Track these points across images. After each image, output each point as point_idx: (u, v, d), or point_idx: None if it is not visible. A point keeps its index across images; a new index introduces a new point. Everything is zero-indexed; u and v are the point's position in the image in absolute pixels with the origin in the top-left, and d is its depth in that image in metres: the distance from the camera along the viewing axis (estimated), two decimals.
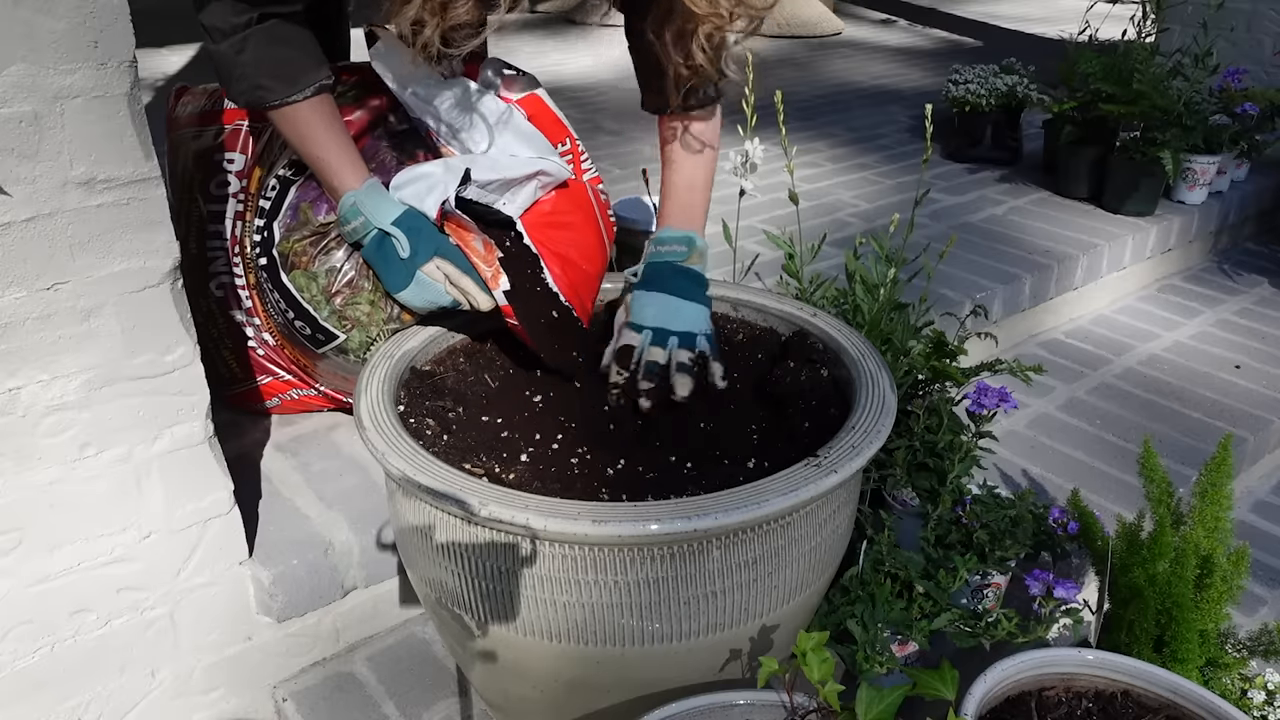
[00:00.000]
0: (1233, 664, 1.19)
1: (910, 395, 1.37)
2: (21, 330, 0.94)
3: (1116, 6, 2.80)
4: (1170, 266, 2.58)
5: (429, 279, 1.14)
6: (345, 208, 1.16)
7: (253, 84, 1.12)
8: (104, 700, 1.14)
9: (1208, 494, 1.25)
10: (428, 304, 1.17)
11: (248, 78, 1.11)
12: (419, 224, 1.15)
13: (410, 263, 1.14)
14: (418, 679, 1.27)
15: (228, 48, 1.10)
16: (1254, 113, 2.51)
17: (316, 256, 1.22)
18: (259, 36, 1.09)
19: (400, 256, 1.14)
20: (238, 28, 1.08)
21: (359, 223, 1.15)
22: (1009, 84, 2.81)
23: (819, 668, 0.81)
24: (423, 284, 1.14)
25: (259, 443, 1.44)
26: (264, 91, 1.12)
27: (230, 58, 1.10)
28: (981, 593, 1.26)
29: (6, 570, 1.01)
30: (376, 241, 1.15)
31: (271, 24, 1.10)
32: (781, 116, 1.34)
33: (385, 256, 1.15)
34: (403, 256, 1.14)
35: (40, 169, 0.91)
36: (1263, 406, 1.95)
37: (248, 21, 1.08)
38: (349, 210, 1.16)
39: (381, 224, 1.14)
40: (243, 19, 1.08)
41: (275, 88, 1.12)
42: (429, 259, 1.14)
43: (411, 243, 1.13)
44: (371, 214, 1.15)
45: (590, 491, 1.00)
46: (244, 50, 1.09)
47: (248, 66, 1.10)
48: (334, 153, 1.16)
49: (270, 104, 1.13)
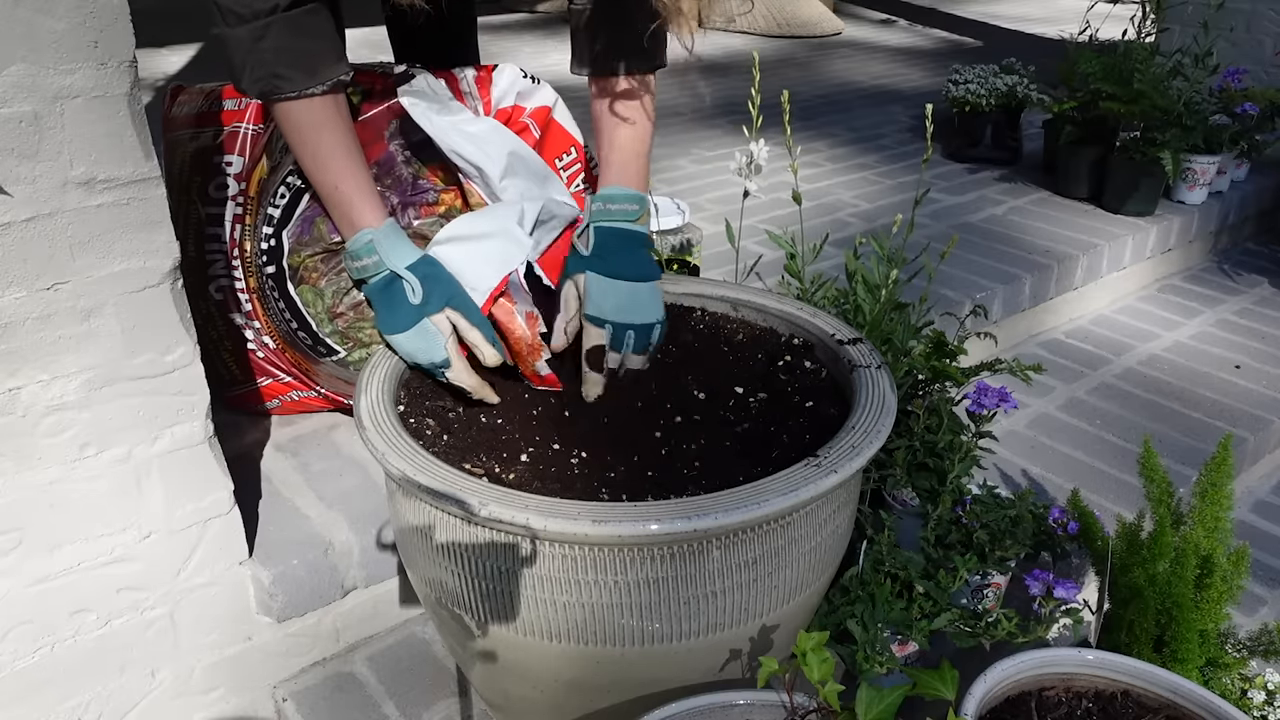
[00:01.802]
0: (1233, 664, 1.19)
1: (910, 395, 1.37)
2: (21, 330, 0.94)
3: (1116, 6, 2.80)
4: (1170, 266, 2.58)
5: (434, 328, 1.09)
6: (359, 244, 1.12)
7: (270, 72, 1.04)
8: (104, 700, 1.14)
9: (1208, 494, 1.25)
10: (419, 353, 1.10)
11: (265, 65, 1.04)
12: (435, 270, 1.11)
13: (419, 310, 1.09)
14: (418, 679, 1.27)
15: (246, 33, 1.02)
16: (1254, 113, 2.51)
17: (327, 274, 1.22)
18: (284, 24, 1.03)
19: (410, 301, 1.09)
20: (261, 13, 1.01)
21: (371, 261, 1.11)
22: (1009, 84, 2.81)
23: (819, 668, 0.81)
24: (425, 333, 1.09)
25: (259, 443, 1.44)
26: (281, 81, 1.05)
27: (247, 44, 1.03)
28: (981, 593, 1.26)
29: (6, 570, 1.01)
30: (385, 282, 1.11)
31: (297, 13, 1.03)
32: (788, 116, 1.34)
33: (392, 298, 1.11)
34: (413, 302, 1.09)
35: (40, 169, 0.91)
36: (1263, 406, 1.95)
37: (273, 7, 1.01)
38: (363, 248, 1.12)
39: (396, 267, 1.10)
40: (267, 4, 1.01)
41: (294, 78, 1.05)
42: (440, 309, 1.09)
43: (425, 290, 1.09)
44: (387, 255, 1.11)
45: (590, 491, 1.00)
46: (265, 37, 1.03)
47: (267, 54, 1.04)
48: (351, 183, 1.11)
49: (286, 94, 1.07)
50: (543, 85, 1.33)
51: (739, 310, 1.30)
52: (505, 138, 1.22)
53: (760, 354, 1.24)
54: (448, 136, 1.17)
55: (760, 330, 1.28)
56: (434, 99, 1.21)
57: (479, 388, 1.12)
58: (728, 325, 1.30)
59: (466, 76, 1.35)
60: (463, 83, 1.36)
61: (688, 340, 1.27)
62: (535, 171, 1.22)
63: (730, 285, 1.32)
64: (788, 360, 1.21)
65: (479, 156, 1.17)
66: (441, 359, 1.09)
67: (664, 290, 1.32)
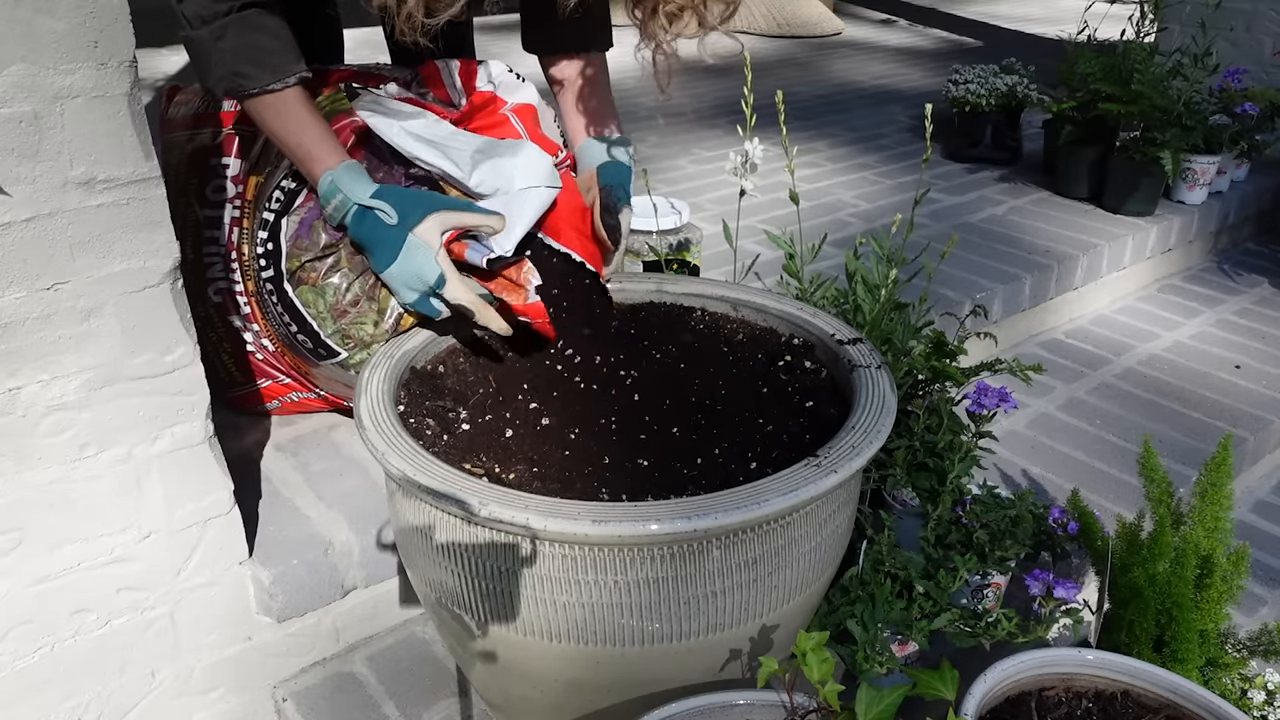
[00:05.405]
0: (1233, 664, 1.19)
1: (910, 395, 1.37)
2: (21, 330, 0.94)
3: (1115, 6, 2.80)
4: (1170, 266, 2.58)
5: (420, 242, 1.11)
6: (324, 187, 1.15)
7: (230, 70, 1.11)
8: (104, 700, 1.14)
9: (1208, 494, 1.25)
10: (413, 279, 1.12)
11: (225, 64, 1.11)
12: (404, 190, 1.15)
13: (401, 228, 1.12)
14: (418, 679, 1.27)
15: (207, 34, 1.10)
16: (1254, 113, 2.51)
17: (324, 273, 1.22)
18: (238, 24, 1.10)
19: (388, 225, 1.12)
20: (218, 14, 1.09)
21: (338, 200, 1.14)
22: (1009, 84, 2.81)
23: (819, 668, 0.81)
24: (412, 251, 1.11)
25: (259, 443, 1.44)
26: (242, 79, 1.12)
27: (208, 44, 1.11)
28: (981, 593, 1.26)
29: (7, 570, 1.01)
30: (359, 217, 1.14)
31: (250, 12, 1.10)
32: (783, 116, 1.34)
33: (372, 230, 1.13)
34: (390, 224, 1.12)
35: (40, 169, 0.91)
36: (1263, 406, 1.95)
37: (229, 9, 1.09)
38: (328, 189, 1.15)
39: (360, 199, 1.13)
40: (224, 6, 1.09)
41: (254, 75, 1.12)
42: (422, 218, 1.12)
43: (401, 208, 1.12)
44: (349, 190, 1.14)
45: (590, 491, 1.00)
46: (223, 37, 1.10)
47: (226, 53, 1.11)
48: (310, 137, 1.16)
49: (249, 91, 1.13)
50: (526, 84, 1.36)
51: (739, 310, 1.30)
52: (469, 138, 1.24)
53: (760, 354, 1.24)
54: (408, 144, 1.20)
55: (760, 330, 1.28)
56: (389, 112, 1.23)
57: (479, 305, 1.13)
58: (728, 325, 1.30)
59: (450, 68, 1.36)
60: (445, 73, 1.37)
61: (688, 340, 1.27)
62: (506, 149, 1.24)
63: (730, 285, 1.32)
64: (788, 360, 1.21)
65: (441, 161, 1.19)
66: (435, 275, 1.11)
67: (664, 290, 1.33)
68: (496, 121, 1.32)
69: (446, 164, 1.19)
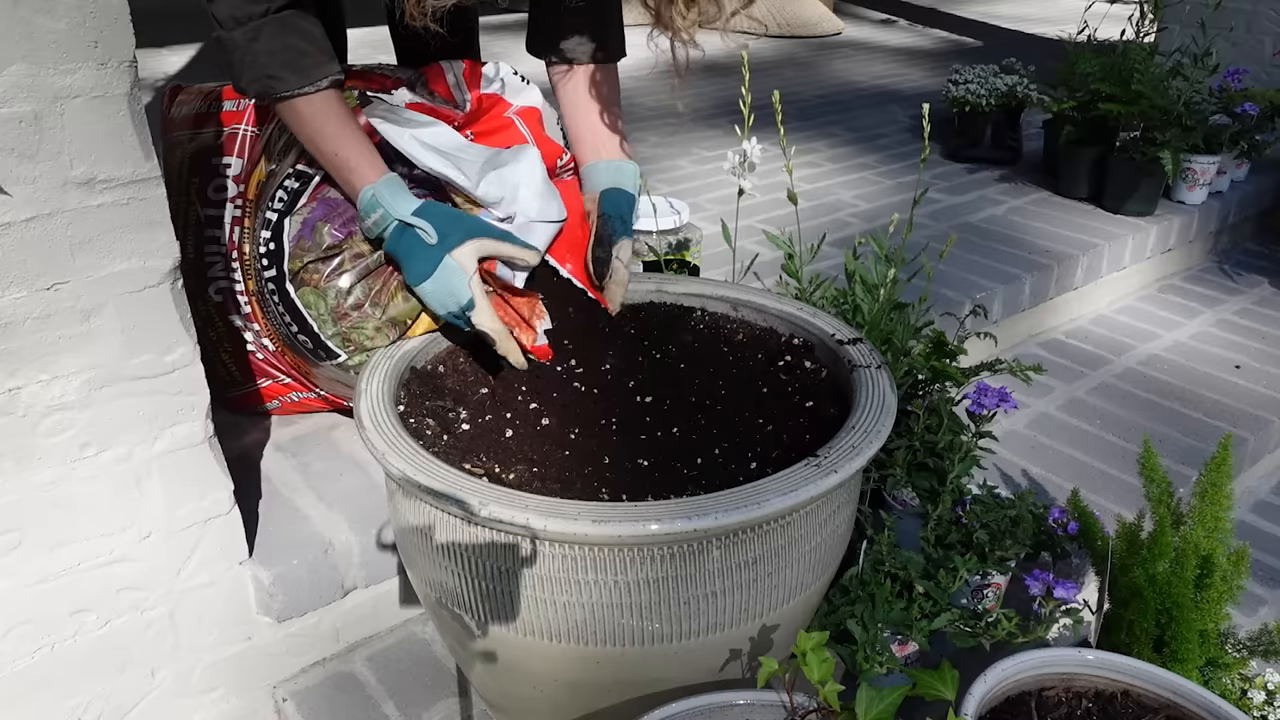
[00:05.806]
0: (1233, 664, 1.19)
1: (910, 395, 1.37)
2: (21, 330, 0.94)
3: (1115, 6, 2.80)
4: (1170, 266, 2.58)
5: (456, 265, 1.11)
6: (364, 201, 1.15)
7: (265, 73, 1.10)
8: (104, 700, 1.14)
9: (1208, 494, 1.25)
10: (446, 298, 1.12)
11: (260, 66, 1.10)
12: (445, 209, 1.14)
13: (439, 248, 1.11)
14: (418, 679, 1.27)
15: (241, 35, 1.08)
16: (1254, 113, 2.51)
17: (327, 276, 1.22)
18: (273, 26, 1.09)
19: (426, 244, 1.12)
20: (253, 15, 1.08)
21: (378, 215, 1.14)
22: (1009, 84, 2.81)
23: (819, 668, 0.81)
24: (447, 273, 1.11)
25: (259, 443, 1.44)
26: (275, 81, 1.11)
27: (243, 45, 1.09)
28: (981, 593, 1.26)
29: (7, 570, 1.01)
30: (398, 232, 1.14)
31: (285, 14, 1.09)
32: (780, 116, 1.34)
33: (410, 246, 1.13)
34: (429, 243, 1.12)
35: (40, 169, 0.91)
36: (1263, 406, 1.95)
37: (264, 10, 1.08)
38: (368, 203, 1.15)
39: (402, 215, 1.13)
40: (259, 8, 1.07)
41: (288, 78, 1.11)
42: (461, 241, 1.11)
43: (441, 229, 1.12)
44: (390, 205, 1.13)
45: (590, 491, 1.00)
46: (258, 39, 1.09)
47: (260, 55, 1.09)
48: (349, 148, 1.15)
49: (281, 94, 1.12)
50: (530, 85, 1.35)
51: (739, 310, 1.30)
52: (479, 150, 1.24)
53: (760, 354, 1.24)
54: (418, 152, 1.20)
55: (760, 330, 1.28)
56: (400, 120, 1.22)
57: (503, 335, 1.13)
58: (728, 325, 1.30)
59: (454, 69, 1.36)
60: (449, 75, 1.36)
61: (688, 340, 1.27)
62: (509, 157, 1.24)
63: (730, 285, 1.32)
64: (788, 360, 1.21)
65: (450, 170, 1.19)
66: (466, 299, 1.11)
67: (664, 290, 1.33)
68: (501, 125, 1.32)
69: (455, 173, 1.18)
